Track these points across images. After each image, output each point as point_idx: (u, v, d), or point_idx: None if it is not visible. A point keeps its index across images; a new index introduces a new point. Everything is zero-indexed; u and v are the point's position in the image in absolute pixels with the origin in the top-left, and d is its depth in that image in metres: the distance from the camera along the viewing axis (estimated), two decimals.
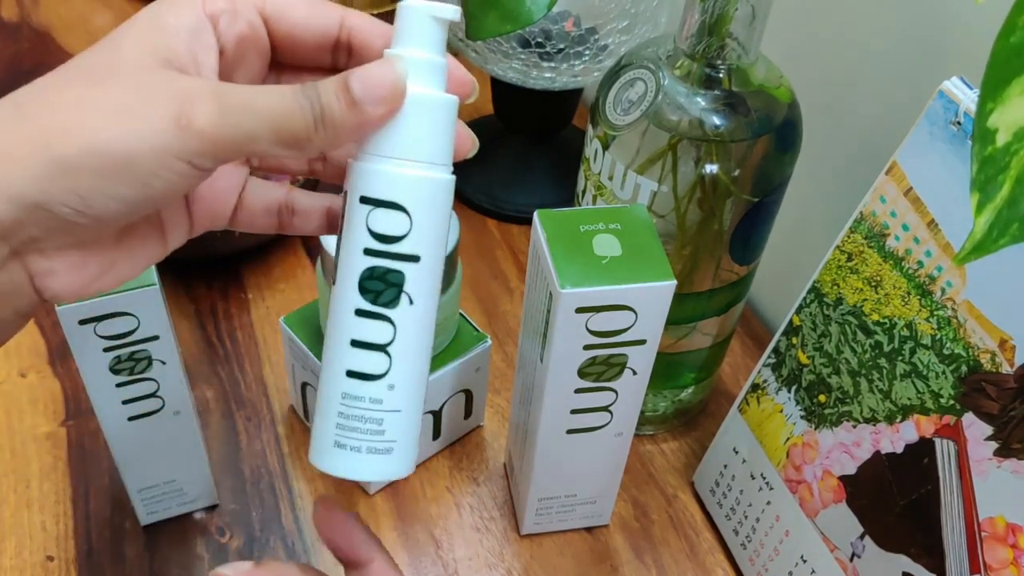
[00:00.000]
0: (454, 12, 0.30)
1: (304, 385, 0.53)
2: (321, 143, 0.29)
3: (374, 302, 0.30)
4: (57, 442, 0.55)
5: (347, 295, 0.31)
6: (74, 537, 0.51)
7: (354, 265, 0.30)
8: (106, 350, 0.41)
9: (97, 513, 0.52)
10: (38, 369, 0.58)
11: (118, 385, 0.43)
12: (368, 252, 0.30)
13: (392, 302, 0.30)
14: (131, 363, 0.43)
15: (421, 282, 0.31)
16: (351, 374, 0.31)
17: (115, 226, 0.29)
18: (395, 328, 0.31)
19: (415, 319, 0.31)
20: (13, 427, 0.55)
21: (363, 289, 0.30)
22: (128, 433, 0.45)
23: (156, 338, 0.42)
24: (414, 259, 0.30)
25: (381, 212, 0.30)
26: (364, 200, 0.30)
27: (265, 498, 0.53)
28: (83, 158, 0.26)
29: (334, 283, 0.31)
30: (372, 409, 0.31)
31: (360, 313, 0.31)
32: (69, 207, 0.26)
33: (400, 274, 0.30)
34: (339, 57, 0.33)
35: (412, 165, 0.30)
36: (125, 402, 0.44)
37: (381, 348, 0.31)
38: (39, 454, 0.54)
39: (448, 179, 0.31)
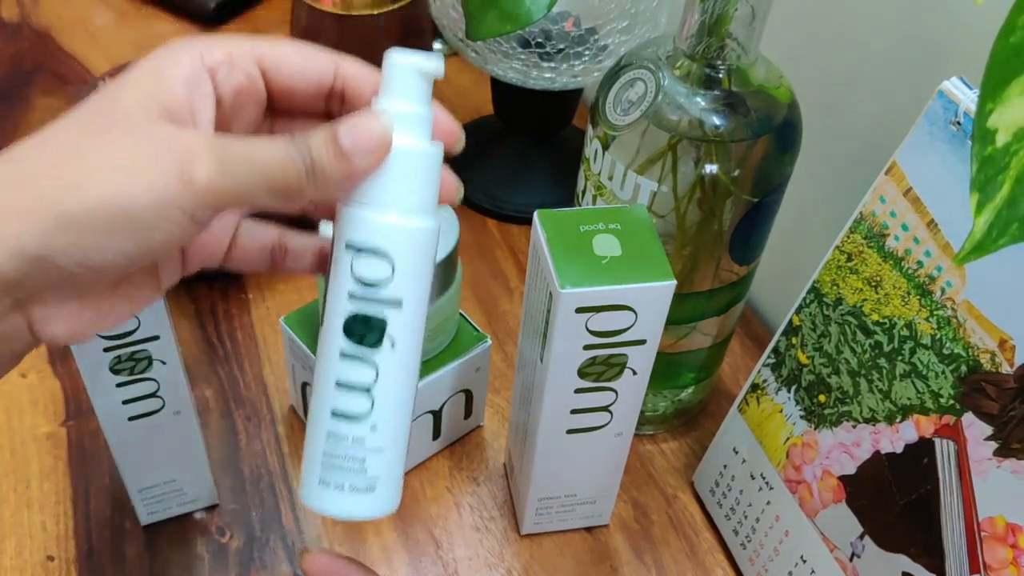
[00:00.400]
0: (438, 67, 0.31)
1: (304, 385, 0.53)
2: (311, 193, 0.30)
3: (358, 344, 0.32)
4: (57, 442, 0.55)
5: (333, 337, 0.32)
6: (74, 537, 0.51)
7: (339, 308, 0.32)
8: (106, 350, 0.41)
9: (97, 513, 0.52)
10: (38, 369, 0.58)
11: (118, 385, 0.43)
12: (352, 296, 0.31)
13: (375, 345, 0.32)
14: (131, 363, 0.43)
15: (404, 326, 0.32)
16: (335, 414, 0.32)
17: (114, 277, 0.30)
18: (378, 370, 0.32)
19: (398, 362, 0.32)
20: (13, 427, 0.55)
21: (347, 331, 0.32)
22: (128, 433, 0.45)
23: (156, 338, 0.42)
24: (396, 304, 0.32)
25: (364, 258, 0.31)
26: (349, 246, 0.31)
27: (265, 498, 0.53)
28: (87, 213, 0.27)
29: (321, 324, 0.33)
30: (355, 448, 0.32)
31: (344, 355, 0.32)
32: (72, 260, 0.27)
33: (382, 319, 0.32)
34: (332, 103, 0.33)
35: (396, 214, 0.31)
36: (125, 402, 0.44)
37: (364, 390, 0.32)
38: (39, 454, 0.54)
39: (430, 227, 0.32)
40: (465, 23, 0.40)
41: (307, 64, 0.33)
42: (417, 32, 0.70)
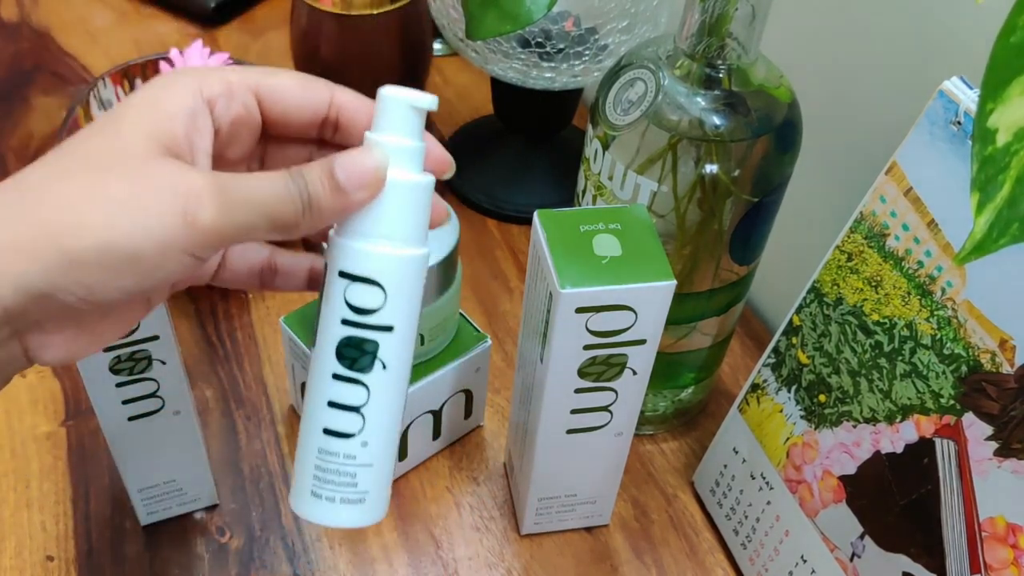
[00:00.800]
0: (431, 102, 0.32)
1: (304, 385, 0.53)
2: (308, 227, 0.30)
3: (350, 367, 0.33)
4: (57, 442, 0.55)
5: (326, 360, 0.33)
6: (74, 537, 0.51)
7: (332, 333, 0.33)
8: (106, 350, 0.41)
9: (97, 513, 0.52)
10: (38, 369, 0.58)
11: (118, 385, 0.43)
12: (345, 322, 0.32)
13: (367, 368, 0.33)
14: (131, 363, 0.43)
15: (394, 349, 0.33)
16: (327, 431, 0.33)
17: (113, 308, 0.30)
18: (369, 391, 0.33)
19: (388, 383, 0.33)
20: (13, 427, 0.55)
21: (340, 355, 0.33)
22: (128, 433, 0.45)
23: (156, 338, 0.42)
24: (388, 329, 0.33)
25: (358, 286, 0.32)
26: (343, 274, 0.32)
27: (265, 498, 0.53)
28: (92, 253, 0.27)
29: (314, 345, 0.34)
30: (346, 464, 0.33)
31: (337, 377, 0.33)
32: (74, 296, 0.28)
33: (375, 343, 0.33)
34: (326, 131, 0.34)
35: (388, 244, 0.32)
36: (125, 402, 0.44)
37: (356, 409, 0.33)
38: (39, 454, 0.54)
39: (421, 255, 0.33)
40: (465, 23, 0.40)
41: (304, 95, 0.33)
42: (417, 32, 0.70)
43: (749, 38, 0.44)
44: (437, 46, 0.83)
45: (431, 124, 0.78)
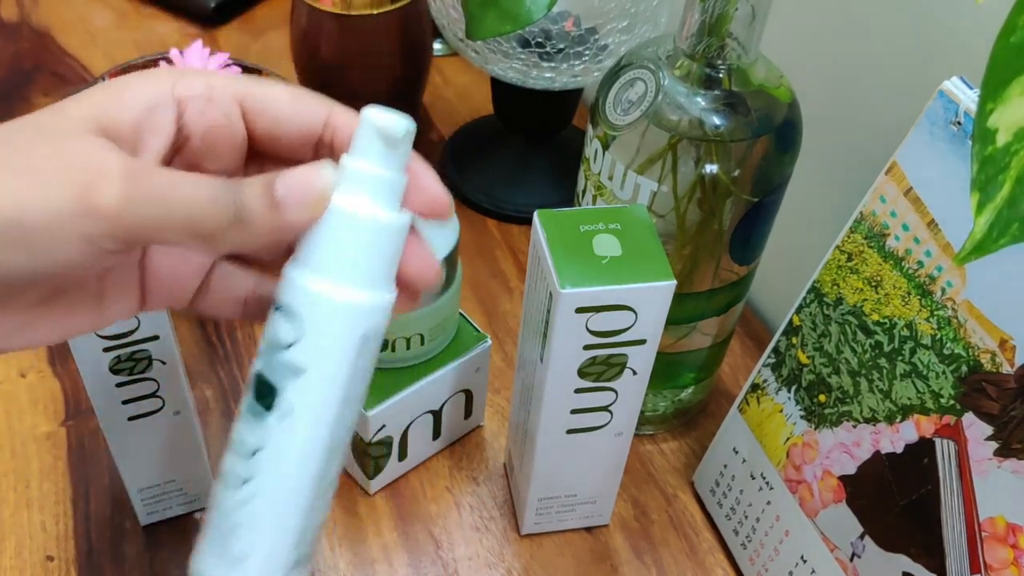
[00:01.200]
0: (406, 131, 0.29)
1: None
2: (235, 242, 0.28)
3: (255, 402, 0.30)
4: (57, 442, 0.55)
5: (245, 392, 0.30)
6: (74, 537, 0.51)
7: (254, 364, 0.30)
8: (106, 350, 0.41)
9: (97, 513, 0.52)
10: (38, 369, 0.58)
11: (118, 385, 0.43)
12: (260, 352, 0.30)
13: (269, 408, 0.29)
14: (131, 363, 0.43)
15: (306, 398, 0.29)
16: (222, 473, 0.30)
17: (24, 290, 0.28)
18: (266, 437, 0.29)
19: (289, 433, 0.29)
20: (13, 427, 0.55)
21: (252, 389, 0.30)
22: (128, 433, 0.45)
23: (156, 338, 0.42)
24: (296, 371, 0.29)
25: (279, 316, 0.29)
26: (273, 302, 0.30)
27: None
28: None
29: None
30: (229, 515, 0.30)
31: (242, 412, 0.30)
32: None
33: (274, 384, 0.29)
34: (322, 152, 0.31)
35: (322, 279, 0.29)
36: (125, 402, 0.44)
37: (250, 453, 0.30)
38: (39, 454, 0.54)
39: (366, 303, 0.29)
40: (465, 23, 0.40)
41: (296, 111, 0.30)
42: (417, 32, 0.70)
43: (749, 38, 0.44)
44: (437, 46, 0.83)
45: (432, 125, 0.78)
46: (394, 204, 0.29)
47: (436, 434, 0.55)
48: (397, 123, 0.28)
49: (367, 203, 0.29)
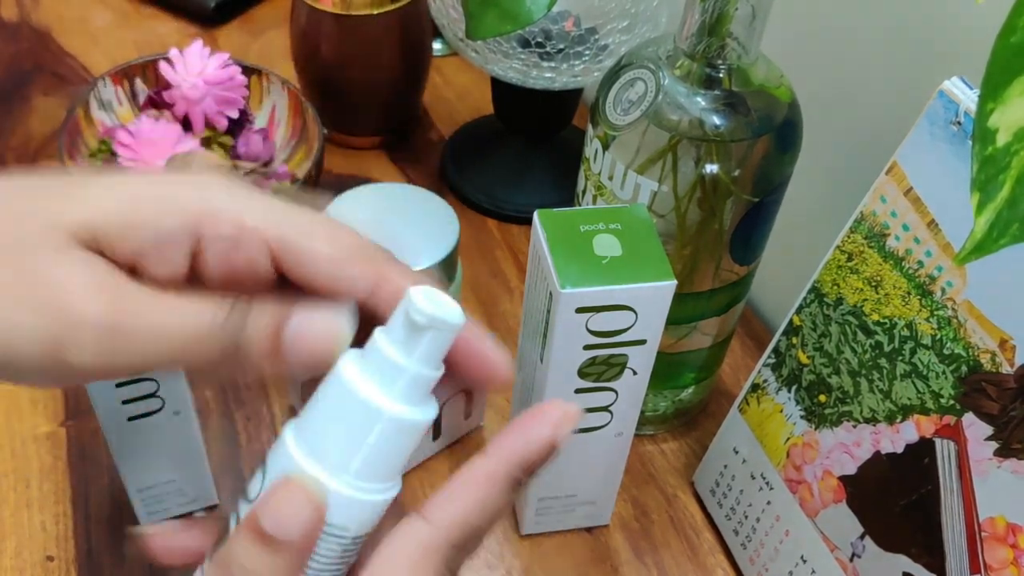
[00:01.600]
0: (454, 326, 0.26)
1: (303, 385, 0.53)
2: (226, 373, 0.26)
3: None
4: (57, 442, 0.55)
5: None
6: (74, 537, 0.51)
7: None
8: None
9: (97, 513, 0.52)
10: None
11: (118, 385, 0.43)
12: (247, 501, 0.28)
13: None
14: None
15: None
16: None
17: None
18: None
19: None
20: (13, 427, 0.55)
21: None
22: (128, 433, 0.45)
23: None
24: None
25: (260, 475, 0.27)
26: (262, 461, 0.28)
27: None
28: None
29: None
30: None
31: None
32: None
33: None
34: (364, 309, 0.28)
35: (322, 469, 0.26)
36: (125, 402, 0.44)
37: None
38: (39, 454, 0.54)
39: (348, 498, 0.27)
40: (465, 23, 0.40)
41: (335, 276, 0.26)
42: (417, 32, 0.70)
43: (749, 38, 0.44)
44: (437, 46, 0.83)
45: (432, 125, 0.78)
46: (417, 398, 0.27)
47: (436, 434, 0.55)
48: (447, 311, 0.26)
49: (384, 395, 0.26)
